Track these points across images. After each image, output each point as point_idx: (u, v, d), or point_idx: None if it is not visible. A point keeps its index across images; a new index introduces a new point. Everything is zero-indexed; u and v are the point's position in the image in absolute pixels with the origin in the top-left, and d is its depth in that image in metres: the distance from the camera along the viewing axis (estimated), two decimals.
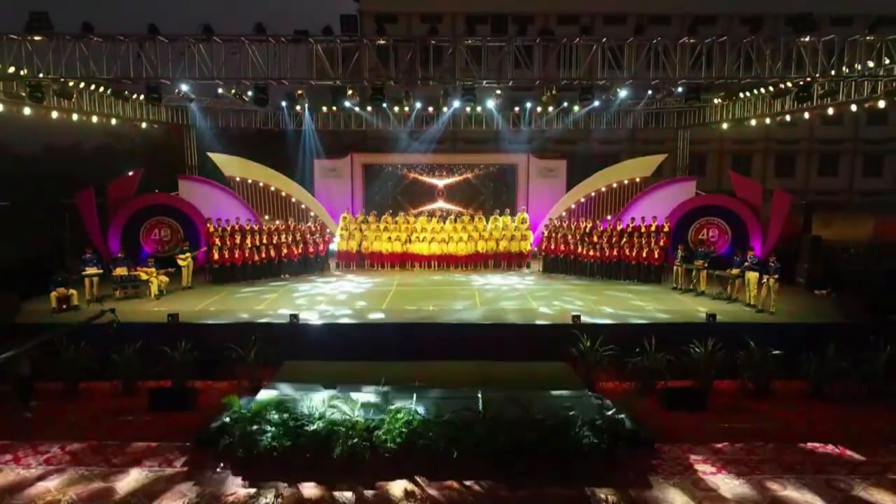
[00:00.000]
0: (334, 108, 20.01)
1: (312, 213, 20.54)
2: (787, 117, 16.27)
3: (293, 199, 20.58)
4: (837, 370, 11.04)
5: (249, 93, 13.04)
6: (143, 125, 18.92)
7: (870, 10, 31.16)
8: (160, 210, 17.70)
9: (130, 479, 8.13)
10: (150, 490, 7.88)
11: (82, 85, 12.69)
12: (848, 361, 11.09)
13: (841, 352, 11.18)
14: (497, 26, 11.55)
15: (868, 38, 10.49)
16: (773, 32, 30.77)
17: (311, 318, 12.78)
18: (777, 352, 11.10)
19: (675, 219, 17.91)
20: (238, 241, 16.42)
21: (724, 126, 19.39)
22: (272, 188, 20.45)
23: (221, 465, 8.49)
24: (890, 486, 8.00)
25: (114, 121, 17.11)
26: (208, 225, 16.87)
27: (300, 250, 17.37)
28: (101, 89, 14.70)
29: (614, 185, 20.57)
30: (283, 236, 17.22)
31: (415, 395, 9.61)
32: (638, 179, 20.53)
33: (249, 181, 20.22)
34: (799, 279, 15.92)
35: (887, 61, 11.22)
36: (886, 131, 31.71)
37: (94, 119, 16.14)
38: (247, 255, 16.28)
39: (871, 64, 12.14)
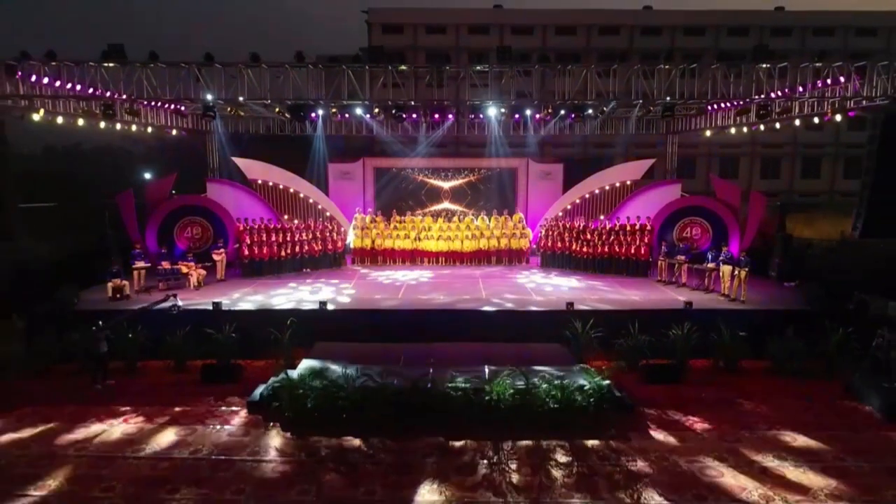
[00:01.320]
0: (346, 115, 21.51)
1: (328, 213, 22.07)
2: (762, 127, 17.83)
3: (310, 200, 22.11)
4: (795, 350, 12.68)
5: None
6: (174, 132, 20.44)
7: (848, 22, 33.10)
8: (192, 210, 19.26)
9: (198, 434, 9.76)
10: (215, 440, 9.50)
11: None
12: (805, 343, 12.74)
13: (799, 334, 12.84)
14: (501, 56, 13.03)
15: (816, 63, 12.04)
16: (758, 41, 32.69)
17: (337, 305, 14.40)
18: (743, 334, 12.79)
19: (661, 218, 19.50)
20: (265, 238, 18.04)
21: (707, 133, 20.97)
22: (291, 190, 21.97)
23: (271, 423, 10.13)
24: (826, 438, 9.64)
25: (150, 129, 18.70)
26: (238, 224, 18.49)
27: (320, 247, 18.98)
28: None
29: (607, 187, 22.13)
30: (304, 234, 18.84)
31: (431, 370, 11.22)
32: (629, 182, 22.08)
33: (270, 183, 21.74)
34: (771, 272, 17.55)
35: (842, 79, 12.76)
36: (866, 136, 33.39)
37: (133, 128, 17.75)
38: (273, 251, 17.90)
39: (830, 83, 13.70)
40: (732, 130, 19.18)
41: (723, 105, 18.35)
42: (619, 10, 33.51)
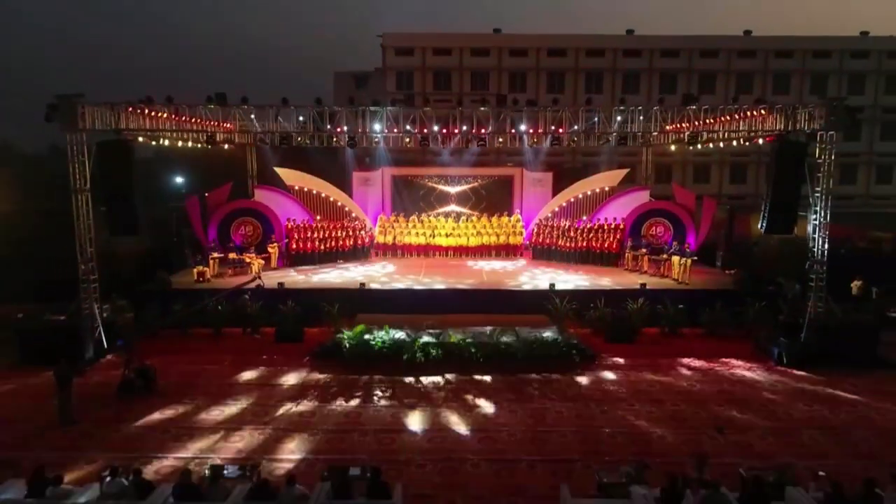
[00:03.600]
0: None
1: (353, 214, 25.82)
2: (711, 144, 21.63)
3: (339, 203, 25.81)
4: (722, 319, 16.53)
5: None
6: (226, 146, 24.19)
7: (807, 46, 36.88)
8: (245, 212, 23.05)
9: (285, 372, 13.60)
10: (298, 376, 13.35)
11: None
12: (730, 314, 16.58)
13: (726, 308, 16.68)
14: (499, 102, 16.73)
15: (731, 106, 15.83)
16: (727, 63, 36.49)
17: (372, 286, 18.24)
18: (682, 307, 16.64)
19: (632, 219, 23.21)
20: (308, 235, 21.91)
21: (672, 147, 24.76)
22: (322, 194, 25.69)
23: (334, 365, 13.96)
24: (736, 366, 13.53)
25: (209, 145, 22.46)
26: (287, 223, 22.32)
27: (351, 242, 22.86)
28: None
29: (588, 192, 25.81)
30: (338, 231, 22.70)
31: (448, 332, 15.05)
32: (607, 188, 25.80)
33: (305, 189, 25.46)
34: (718, 262, 21.40)
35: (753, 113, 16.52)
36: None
37: (200, 145, 21.51)
38: (315, 245, 21.77)
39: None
40: (690, 147, 23.00)
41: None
42: (605, 34, 37.35)
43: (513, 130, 23.54)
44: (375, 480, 7.51)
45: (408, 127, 16.96)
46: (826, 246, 15.24)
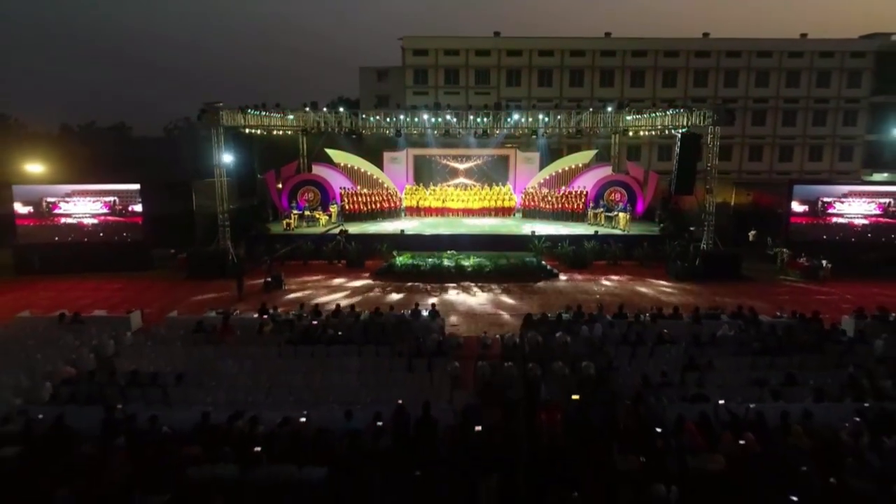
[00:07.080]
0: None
1: (385, 184, 32.60)
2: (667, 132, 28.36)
3: (374, 176, 32.57)
4: (648, 254, 23.53)
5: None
6: (290, 133, 30.91)
7: (752, 47, 43.11)
8: (308, 182, 29.93)
9: (356, 283, 20.66)
10: (365, 283, 20.45)
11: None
12: (654, 250, 23.58)
13: (652, 247, 23.67)
14: (496, 106, 23.48)
15: (652, 108, 22.60)
16: (686, 62, 42.74)
17: (408, 233, 25.25)
18: (621, 245, 23.66)
19: (597, 187, 29.96)
20: (356, 199, 28.85)
21: (629, 133, 31.42)
22: (362, 169, 32.39)
23: (388, 278, 21.05)
24: (650, 280, 20.61)
25: (278, 132, 29.26)
26: (341, 190, 29.25)
27: (386, 205, 29.77)
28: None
29: (566, 168, 32.52)
30: (377, 196, 29.62)
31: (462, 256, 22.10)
32: (580, 165, 32.55)
33: (349, 165, 32.22)
34: (656, 220, 28.33)
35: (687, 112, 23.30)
36: (764, 130, 43.90)
37: (275, 133, 28.31)
38: (361, 206, 28.74)
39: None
40: (643, 133, 29.79)
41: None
42: (586, 37, 43.64)
43: (508, 120, 30.74)
44: (433, 308, 14.68)
45: (433, 120, 23.83)
46: (714, 204, 22.10)
